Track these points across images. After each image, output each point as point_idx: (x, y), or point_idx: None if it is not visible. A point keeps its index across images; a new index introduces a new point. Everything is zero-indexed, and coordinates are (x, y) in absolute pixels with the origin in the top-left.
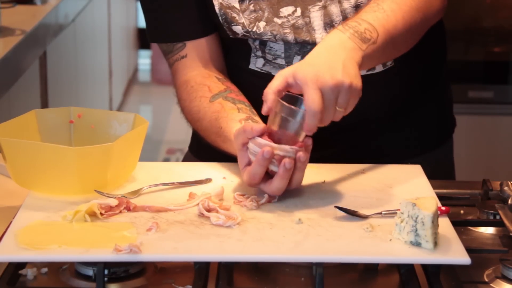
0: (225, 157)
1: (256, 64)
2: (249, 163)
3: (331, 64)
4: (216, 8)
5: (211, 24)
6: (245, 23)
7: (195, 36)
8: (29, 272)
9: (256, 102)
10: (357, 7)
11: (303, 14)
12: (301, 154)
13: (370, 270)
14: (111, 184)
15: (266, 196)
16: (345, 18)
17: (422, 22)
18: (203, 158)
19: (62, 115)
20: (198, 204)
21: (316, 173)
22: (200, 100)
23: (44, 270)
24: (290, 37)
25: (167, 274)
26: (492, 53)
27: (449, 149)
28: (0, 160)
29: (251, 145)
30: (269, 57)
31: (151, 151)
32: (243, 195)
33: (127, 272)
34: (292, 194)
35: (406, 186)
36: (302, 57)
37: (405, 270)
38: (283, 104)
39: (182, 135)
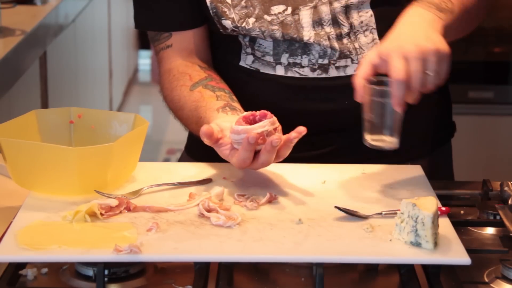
0: (218, 156)
1: (246, 61)
2: (232, 150)
3: (413, 35)
4: (208, 0)
5: (200, 17)
6: (235, 18)
7: (182, 27)
8: (29, 273)
9: (245, 98)
10: (347, 7)
11: (293, 13)
12: (294, 135)
13: (370, 271)
14: (111, 185)
15: (266, 196)
16: (334, 16)
17: (476, 15)
18: (198, 159)
19: (62, 116)
20: (198, 204)
21: (316, 173)
22: (180, 89)
23: (44, 270)
24: (278, 33)
25: (167, 274)
26: (492, 53)
27: (448, 153)
28: (0, 160)
29: (231, 135)
30: (258, 54)
31: (151, 151)
32: (243, 195)
33: (127, 272)
34: (292, 194)
35: (406, 186)
36: (290, 55)
37: (405, 270)
38: (372, 88)
39: (182, 135)
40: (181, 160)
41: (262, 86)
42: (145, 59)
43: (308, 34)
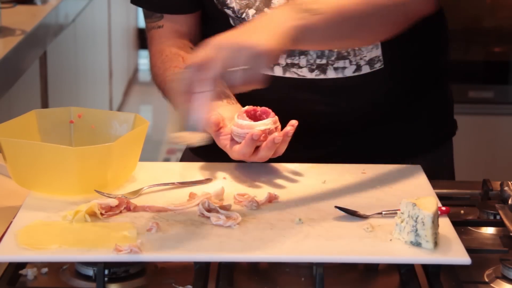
0: (221, 153)
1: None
2: (231, 141)
3: (246, 29)
4: None
5: (194, 3)
6: (235, 8)
7: (175, 11)
8: (29, 272)
9: (243, 98)
10: None
11: None
12: (289, 129)
13: (370, 270)
14: (111, 184)
15: (266, 196)
16: None
17: (395, 8)
18: (201, 154)
19: (62, 115)
20: (198, 204)
21: (316, 173)
22: (173, 70)
23: (44, 270)
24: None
25: (167, 274)
26: (492, 53)
27: (449, 152)
28: (0, 160)
29: (234, 128)
30: None
31: (151, 151)
32: (243, 195)
33: (127, 272)
34: (292, 194)
35: (406, 186)
36: (288, 55)
37: (405, 270)
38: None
39: None
40: (183, 155)
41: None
42: (145, 59)
43: None
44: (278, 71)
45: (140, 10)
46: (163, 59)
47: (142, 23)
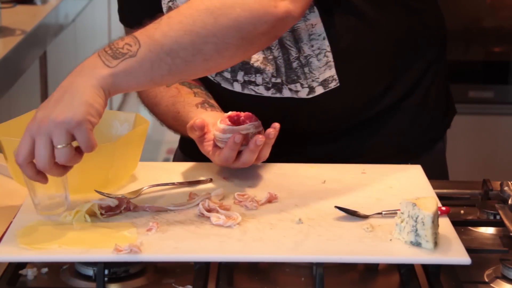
0: None
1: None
2: (214, 147)
3: (49, 105)
4: (165, 11)
5: None
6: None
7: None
8: (29, 272)
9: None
10: (293, 31)
11: None
12: (271, 131)
13: (370, 270)
14: (112, 184)
15: (266, 196)
16: (280, 40)
17: (229, 30)
18: (192, 156)
19: None
20: (198, 204)
21: (316, 173)
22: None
23: (44, 270)
24: None
25: (167, 274)
26: (492, 53)
27: (441, 153)
28: (0, 160)
29: (216, 133)
30: None
31: (151, 151)
32: (243, 195)
33: (127, 272)
34: (292, 194)
35: (406, 186)
36: (245, 73)
37: (405, 270)
38: None
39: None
40: (175, 157)
41: (224, 100)
42: None
43: (256, 56)
44: (237, 87)
45: None
46: (150, 102)
47: None
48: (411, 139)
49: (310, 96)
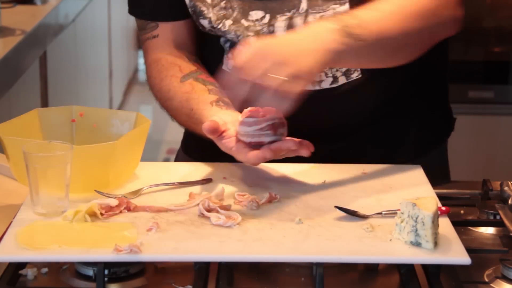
0: (215, 153)
1: (228, 65)
2: (238, 143)
3: (293, 43)
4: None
5: (187, 10)
6: (212, 19)
7: (169, 18)
8: (29, 272)
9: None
10: None
11: (270, 23)
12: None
13: (370, 270)
14: (113, 183)
15: (266, 196)
16: None
17: (426, 32)
18: (194, 156)
19: (64, 114)
20: (198, 204)
21: (316, 173)
22: (170, 79)
23: (44, 270)
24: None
25: (167, 274)
26: (492, 53)
27: (444, 153)
28: (1, 160)
29: (241, 127)
30: None
31: (151, 151)
32: (243, 195)
33: (127, 272)
34: (292, 194)
35: (406, 186)
36: None
37: (405, 270)
38: None
39: (182, 135)
40: (177, 158)
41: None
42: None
43: None
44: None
45: None
46: (159, 69)
47: None
48: (419, 138)
49: (334, 85)
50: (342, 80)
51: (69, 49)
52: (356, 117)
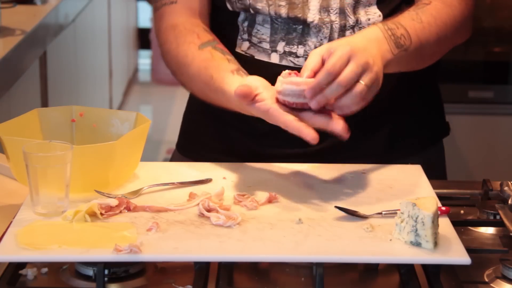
0: (212, 153)
1: (242, 47)
2: (280, 105)
3: (366, 48)
4: None
5: None
6: None
7: None
8: (29, 272)
9: None
10: (356, 3)
11: None
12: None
13: (370, 270)
14: (113, 183)
15: (266, 196)
16: (342, 6)
17: (452, 41)
18: (190, 156)
19: (64, 114)
20: (198, 204)
21: (316, 173)
22: (188, 45)
23: (44, 270)
24: (284, 10)
25: (167, 274)
26: (492, 53)
27: (440, 153)
28: (1, 160)
29: (286, 87)
30: (254, 40)
31: (151, 151)
32: (243, 195)
33: (127, 272)
34: (292, 194)
35: (406, 186)
36: (287, 43)
37: (405, 270)
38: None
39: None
40: (172, 158)
41: (255, 73)
42: (145, 59)
43: (313, 17)
44: (274, 58)
45: (140, 10)
46: (176, 34)
47: (142, 23)
48: (415, 135)
49: None
50: None
51: (69, 49)
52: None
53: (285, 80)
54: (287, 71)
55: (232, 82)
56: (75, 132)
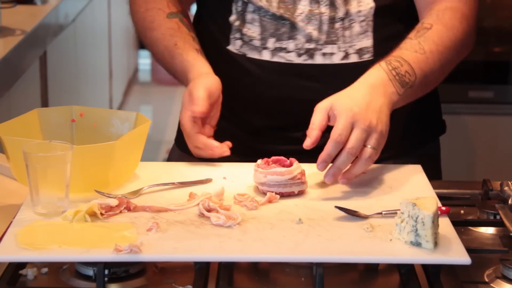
0: None
1: (235, 45)
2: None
3: (370, 105)
4: None
5: None
6: None
7: None
8: (29, 272)
9: (231, 83)
10: None
11: None
12: None
13: (370, 270)
14: (113, 183)
15: (266, 196)
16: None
17: (455, 61)
18: (188, 151)
19: (64, 114)
20: (198, 204)
21: (316, 173)
22: (157, 12)
23: (44, 270)
24: (275, 2)
25: (167, 274)
26: (492, 53)
27: (435, 151)
28: (1, 160)
29: (271, 178)
30: (245, 38)
31: (151, 151)
32: (243, 195)
33: (127, 272)
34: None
35: (406, 186)
36: (277, 39)
37: (405, 270)
38: None
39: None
40: (171, 153)
41: (248, 71)
42: (145, 59)
43: (303, 7)
44: (266, 55)
45: None
46: (145, 26)
47: None
48: (410, 134)
49: (343, 62)
50: (353, 58)
51: (69, 49)
52: None
53: (269, 172)
54: (261, 160)
55: (196, 61)
56: (75, 132)
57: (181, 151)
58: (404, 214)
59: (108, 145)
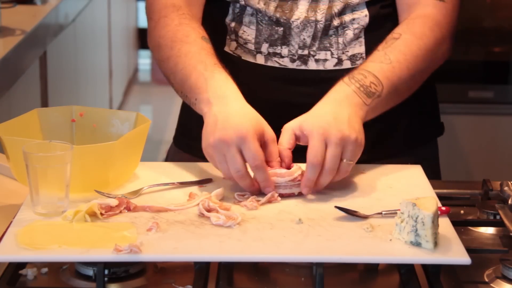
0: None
1: (230, 46)
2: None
3: (337, 117)
4: None
5: None
6: None
7: None
8: (29, 272)
9: None
10: (346, 6)
11: None
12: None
13: (370, 270)
14: (113, 183)
15: (266, 196)
16: (330, 12)
17: (427, 70)
18: (186, 150)
19: (64, 114)
20: (198, 204)
21: None
22: (193, 30)
23: (44, 270)
24: (273, 4)
25: (167, 274)
26: (492, 53)
27: (434, 152)
28: (0, 160)
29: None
30: (241, 41)
31: (151, 151)
32: (243, 195)
33: (127, 272)
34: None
35: (406, 186)
36: (270, 45)
37: (405, 270)
38: None
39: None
40: (169, 152)
41: (243, 73)
42: (145, 59)
43: (299, 14)
44: (260, 59)
45: (140, 10)
46: (180, 15)
47: (142, 23)
48: (408, 134)
49: (337, 68)
50: (347, 64)
51: (69, 49)
52: None
53: (269, 173)
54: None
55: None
56: (75, 132)
57: (178, 148)
58: (404, 214)
59: (108, 145)
